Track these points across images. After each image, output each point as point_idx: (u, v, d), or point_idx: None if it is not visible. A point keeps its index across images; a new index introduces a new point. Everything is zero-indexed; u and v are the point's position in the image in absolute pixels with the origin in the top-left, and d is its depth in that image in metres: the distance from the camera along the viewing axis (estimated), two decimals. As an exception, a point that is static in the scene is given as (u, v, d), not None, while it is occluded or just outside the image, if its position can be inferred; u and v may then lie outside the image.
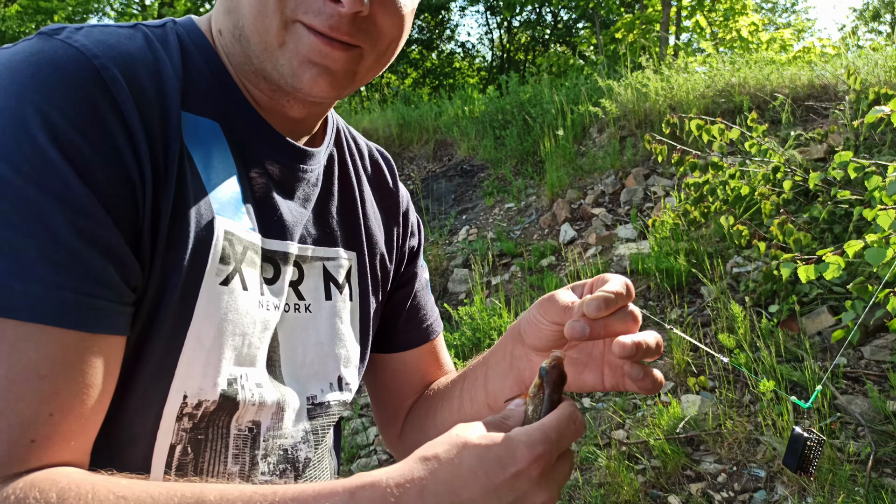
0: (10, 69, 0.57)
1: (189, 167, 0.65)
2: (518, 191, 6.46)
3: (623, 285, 0.68)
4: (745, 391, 3.11)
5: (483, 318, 3.94)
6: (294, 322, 0.79)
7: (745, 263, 4.04)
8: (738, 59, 6.64)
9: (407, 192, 1.03)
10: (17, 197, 0.53)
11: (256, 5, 0.64)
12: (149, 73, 0.64)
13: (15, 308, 0.52)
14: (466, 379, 0.91)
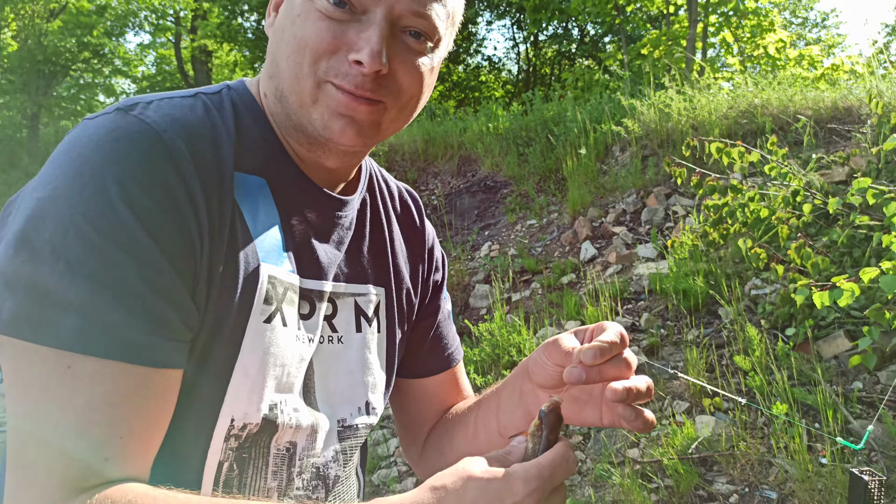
0: (94, 142, 0.68)
1: (239, 221, 0.76)
2: (540, 208, 6.55)
3: (617, 335, 0.76)
4: (759, 413, 3.15)
5: (502, 335, 4.02)
6: (328, 353, 0.88)
7: (763, 286, 4.08)
8: (761, 80, 6.66)
9: (432, 229, 1.12)
10: (97, 253, 0.63)
11: (293, 70, 0.75)
12: (207, 140, 0.74)
13: (93, 347, 0.62)
14: (481, 407, 0.99)
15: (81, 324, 0.62)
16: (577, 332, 0.82)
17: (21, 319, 0.61)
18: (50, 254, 0.62)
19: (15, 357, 0.63)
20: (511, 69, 22.34)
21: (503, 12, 19.16)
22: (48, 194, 0.65)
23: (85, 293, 0.62)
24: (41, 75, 12.89)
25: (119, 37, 16.00)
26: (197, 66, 20.29)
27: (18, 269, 0.62)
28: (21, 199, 0.69)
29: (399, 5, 0.73)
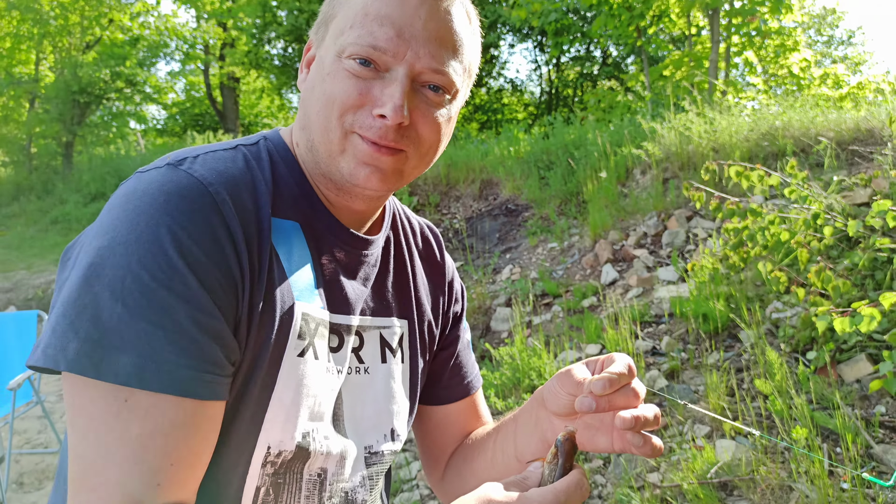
0: (148, 194, 0.75)
1: (276, 263, 0.84)
2: (561, 231, 6.59)
3: (626, 366, 0.81)
4: (780, 438, 3.14)
5: (523, 359, 4.06)
6: (355, 383, 0.96)
7: (784, 309, 4.07)
8: (783, 102, 6.66)
9: (452, 263, 1.20)
10: (151, 297, 0.70)
11: (323, 123, 0.83)
12: (248, 190, 0.82)
13: (148, 382, 0.69)
14: (499, 433, 1.06)
15: (138, 361, 0.69)
16: (588, 362, 0.88)
17: (84, 357, 0.68)
18: (109, 297, 0.69)
19: (78, 391, 0.70)
20: (533, 91, 22.50)
21: (525, 35, 19.37)
22: (107, 243, 0.72)
23: (141, 333, 0.69)
24: (76, 105, 13.32)
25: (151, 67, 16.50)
26: (225, 92, 20.78)
27: (81, 311, 0.69)
28: (81, 247, 0.76)
29: (419, 63, 0.81)
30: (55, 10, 12.46)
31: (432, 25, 0.82)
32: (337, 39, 0.82)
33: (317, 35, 0.89)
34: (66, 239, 10.44)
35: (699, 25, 12.71)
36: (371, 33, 0.79)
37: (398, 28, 0.80)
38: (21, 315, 4.75)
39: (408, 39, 0.80)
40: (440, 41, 0.82)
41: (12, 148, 13.67)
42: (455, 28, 0.84)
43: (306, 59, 0.91)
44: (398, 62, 0.80)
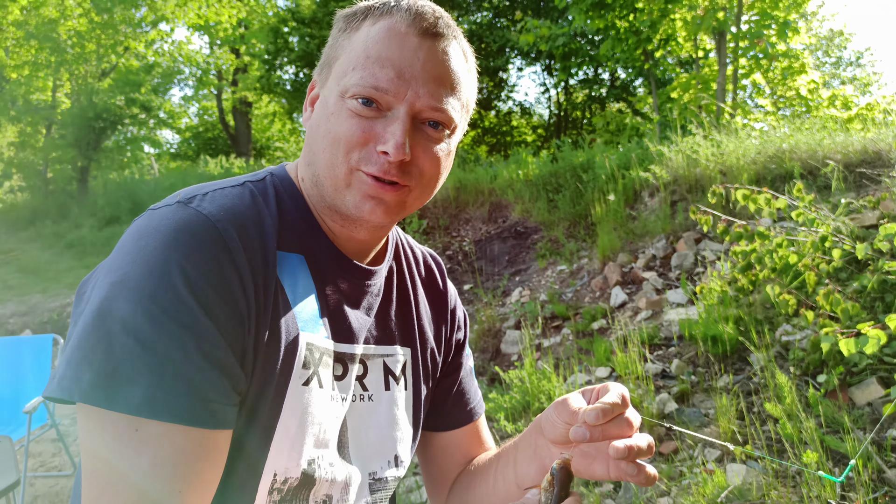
0: (159, 232, 0.79)
1: (281, 296, 0.87)
2: (570, 253, 6.62)
3: (619, 396, 0.83)
4: (790, 462, 3.13)
5: (532, 382, 4.07)
6: (359, 410, 0.99)
7: (793, 332, 4.07)
8: (790, 124, 6.69)
9: (454, 290, 1.22)
10: (161, 330, 0.73)
11: (329, 160, 0.87)
12: (254, 225, 0.86)
13: (157, 412, 0.72)
14: (500, 460, 1.08)
15: (147, 392, 0.72)
16: (584, 391, 0.90)
17: (97, 389, 0.71)
18: (121, 331, 0.72)
19: (91, 421, 0.73)
20: (542, 114, 22.64)
21: (533, 59, 19.56)
22: (120, 278, 0.75)
23: (151, 365, 0.72)
24: (92, 130, 13.55)
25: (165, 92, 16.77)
26: (237, 116, 21.07)
27: (95, 344, 0.72)
28: (95, 282, 0.79)
29: (419, 102, 0.85)
30: (72, 38, 12.74)
31: (430, 66, 0.85)
32: (340, 80, 0.86)
33: (320, 76, 0.93)
34: (81, 263, 10.56)
35: (706, 48, 12.81)
36: (373, 74, 0.83)
37: (398, 69, 0.83)
38: (37, 339, 4.82)
39: (408, 80, 0.84)
40: (438, 80, 0.86)
41: (29, 173, 13.90)
42: (452, 67, 0.88)
43: (310, 97, 0.95)
44: (399, 101, 0.84)
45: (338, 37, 0.90)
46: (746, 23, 10.78)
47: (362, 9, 0.90)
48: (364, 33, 0.86)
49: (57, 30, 12.43)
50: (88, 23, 12.83)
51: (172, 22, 14.73)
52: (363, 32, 0.87)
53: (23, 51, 12.98)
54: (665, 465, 3.38)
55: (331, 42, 0.92)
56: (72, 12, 12.79)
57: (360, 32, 0.87)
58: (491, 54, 17.90)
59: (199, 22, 15.80)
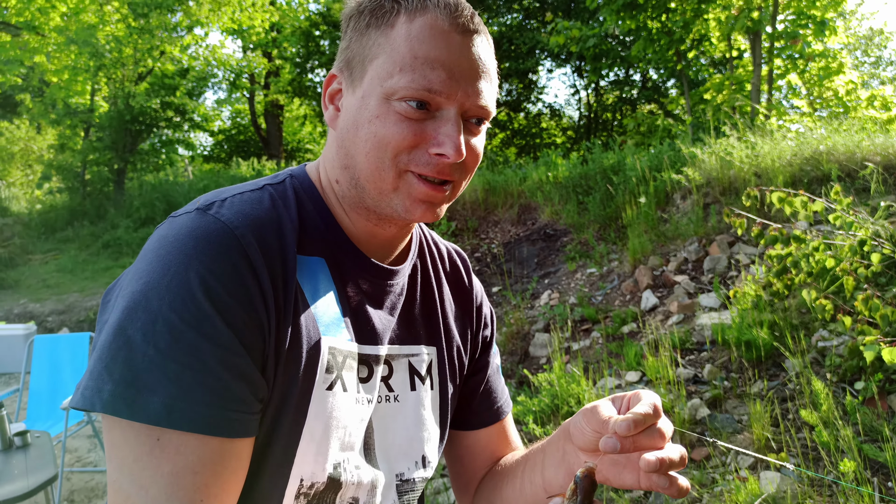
0: (179, 240, 0.79)
1: (301, 300, 0.87)
2: (600, 256, 6.56)
3: (651, 406, 0.80)
4: (826, 471, 3.06)
5: (562, 385, 4.05)
6: (385, 411, 0.98)
7: (830, 338, 3.98)
8: (828, 125, 6.55)
9: (481, 287, 1.20)
10: (181, 339, 0.73)
11: (374, 163, 0.85)
12: (273, 232, 0.85)
13: (178, 422, 0.72)
14: (528, 462, 1.06)
15: (168, 402, 0.72)
16: (614, 399, 0.88)
17: (118, 399, 0.72)
18: (142, 340, 0.73)
19: (114, 430, 0.74)
20: (572, 115, 22.49)
21: (563, 60, 19.44)
22: (141, 288, 0.76)
23: (170, 374, 0.73)
24: (128, 133, 13.85)
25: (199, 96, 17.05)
26: (269, 119, 21.32)
27: (115, 354, 0.73)
28: (119, 290, 0.80)
29: (468, 101, 0.85)
30: (110, 43, 13.03)
31: (476, 64, 0.85)
32: (384, 82, 0.83)
33: (347, 73, 0.89)
34: (117, 263, 10.78)
35: (740, 48, 12.60)
36: (425, 76, 0.82)
37: (449, 70, 0.83)
38: (74, 337, 4.94)
39: (458, 80, 0.83)
40: (484, 75, 0.86)
41: (68, 175, 14.23)
42: (487, 58, 0.88)
43: (329, 93, 0.92)
44: (451, 102, 0.83)
45: (368, 32, 0.87)
46: (782, 22, 10.57)
47: (390, 2, 0.87)
48: (403, 31, 0.84)
49: (96, 35, 12.72)
50: (126, 28, 13.12)
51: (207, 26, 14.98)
52: (401, 30, 0.84)
53: (63, 56, 13.31)
54: (697, 472, 3.33)
55: (356, 37, 0.88)
56: (110, 18, 13.09)
57: (398, 30, 0.84)
58: (520, 56, 17.83)
59: (232, 26, 16.04)
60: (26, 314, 8.57)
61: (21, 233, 12.13)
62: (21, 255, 11.38)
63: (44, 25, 13.21)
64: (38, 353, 4.77)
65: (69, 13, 13.15)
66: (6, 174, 18.52)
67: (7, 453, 3.19)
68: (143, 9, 13.12)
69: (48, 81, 13.75)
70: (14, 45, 13.14)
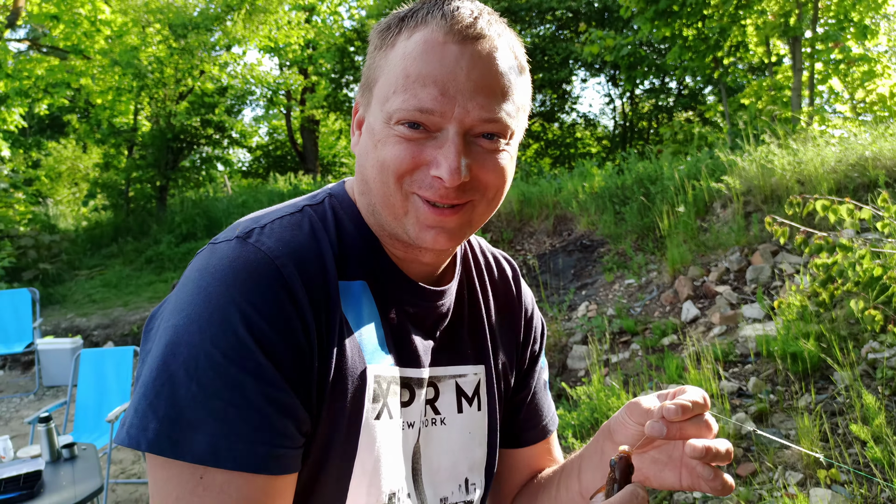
0: (219, 272, 0.77)
1: (346, 328, 0.85)
2: (638, 267, 6.47)
3: (701, 396, 0.80)
4: (880, 488, 2.95)
5: (600, 399, 3.99)
6: (431, 435, 0.96)
7: (881, 349, 3.84)
8: (873, 130, 6.37)
9: (531, 296, 1.15)
10: (223, 374, 0.72)
11: (382, 188, 0.82)
12: (315, 259, 0.83)
13: (221, 460, 0.71)
14: (564, 470, 1.04)
15: (211, 440, 0.71)
16: (659, 394, 0.86)
17: (162, 438, 0.71)
18: (184, 376, 0.72)
19: (158, 468, 0.73)
20: (607, 125, 22.32)
21: (598, 70, 19.33)
22: (182, 322, 0.74)
23: (214, 412, 0.72)
24: (170, 151, 14.21)
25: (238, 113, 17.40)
26: (305, 134, 21.64)
27: (159, 391, 0.72)
28: (160, 321, 0.79)
29: (468, 118, 0.78)
30: (152, 63, 13.40)
31: (476, 75, 0.78)
32: (383, 106, 0.80)
33: (363, 98, 0.87)
34: (160, 277, 11.02)
35: (779, 54, 12.36)
36: (415, 96, 0.77)
37: (441, 86, 0.77)
38: (118, 351, 5.05)
39: (453, 96, 0.77)
40: (487, 90, 0.79)
41: (112, 192, 14.64)
42: (500, 70, 0.80)
43: (356, 121, 0.90)
44: (447, 121, 0.78)
45: (374, 55, 0.85)
46: (822, 25, 10.34)
47: (395, 21, 0.83)
48: (401, 50, 0.80)
49: (138, 56, 13.10)
50: (167, 48, 13.49)
51: (244, 44, 15.31)
52: (399, 49, 0.80)
53: (107, 77, 13.73)
54: (743, 488, 3.24)
55: (368, 62, 0.86)
56: (152, 39, 13.47)
57: (397, 49, 0.81)
58: (554, 66, 17.78)
59: (269, 44, 16.36)
60: (73, 328, 8.81)
61: (68, 249, 12.50)
62: (68, 271, 11.72)
63: (89, 49, 13.66)
64: (84, 366, 4.89)
65: (113, 36, 13.58)
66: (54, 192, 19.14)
67: (55, 465, 3.27)
68: (182, 30, 13.47)
69: (93, 102, 14.19)
70: (61, 68, 13.61)
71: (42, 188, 18.72)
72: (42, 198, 17.76)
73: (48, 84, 13.50)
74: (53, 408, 4.47)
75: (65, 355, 6.90)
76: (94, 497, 3.02)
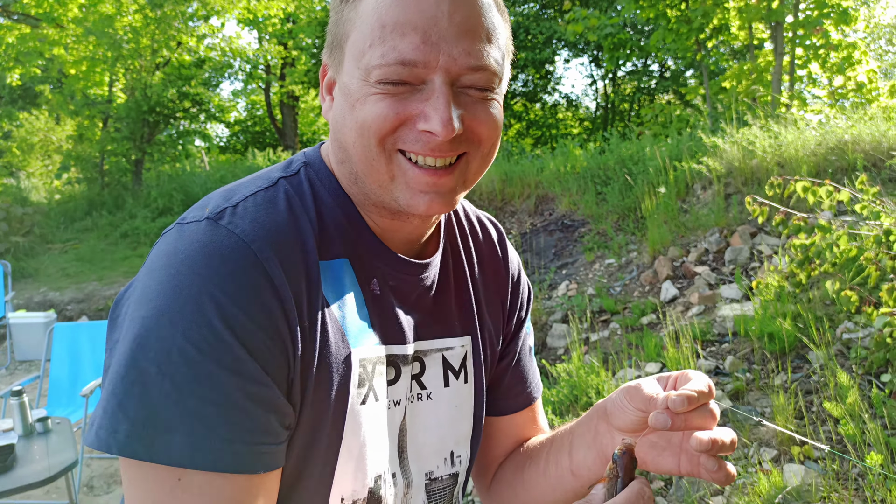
0: (189, 258, 0.70)
1: (328, 312, 0.79)
2: (619, 247, 6.50)
3: (706, 385, 0.77)
4: (852, 464, 3.01)
5: (580, 376, 4.01)
6: (418, 410, 0.93)
7: (856, 329, 3.91)
8: (852, 115, 6.43)
9: (517, 258, 1.10)
10: (199, 371, 0.66)
11: (363, 153, 0.76)
12: (293, 238, 0.77)
13: (199, 461, 0.66)
14: (553, 443, 1.00)
15: (189, 440, 0.66)
16: (659, 378, 0.83)
17: (135, 440, 0.65)
18: (156, 373, 0.66)
19: (132, 471, 0.68)
20: (589, 106, 22.33)
21: (580, 50, 19.28)
22: (151, 313, 0.68)
23: (191, 411, 0.66)
24: (146, 124, 13.91)
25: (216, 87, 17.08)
26: (285, 110, 21.35)
27: (129, 389, 0.66)
28: (128, 307, 0.72)
29: (455, 66, 0.73)
30: (128, 34, 13.07)
31: (458, 18, 0.72)
32: (359, 62, 0.74)
33: (332, 58, 0.81)
34: (136, 252, 10.86)
35: (761, 38, 12.41)
36: (394, 48, 0.71)
37: (423, 33, 0.71)
38: (93, 325, 4.98)
39: (436, 42, 0.71)
40: (472, 33, 0.73)
41: (86, 165, 14.32)
42: (483, 12, 0.74)
43: (326, 84, 0.83)
44: (433, 71, 0.72)
45: (342, 9, 0.77)
46: (803, 11, 10.39)
47: None
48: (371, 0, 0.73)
49: (113, 26, 12.76)
50: (143, 18, 13.15)
51: (222, 16, 14.99)
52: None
53: (81, 47, 13.37)
54: (718, 464, 3.28)
55: (334, 17, 0.79)
56: (127, 8, 13.12)
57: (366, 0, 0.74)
58: (537, 46, 17.69)
59: (248, 16, 16.04)
60: (46, 303, 8.66)
61: (40, 222, 12.25)
62: (41, 245, 11.50)
63: (62, 17, 13.28)
64: (57, 340, 4.81)
65: (87, 4, 13.21)
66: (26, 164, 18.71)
67: (28, 439, 3.21)
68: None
69: (67, 73, 13.83)
70: (33, 36, 13.22)
71: (13, 160, 18.26)
72: (13, 170, 17.35)
73: (19, 53, 13.12)
74: (26, 382, 4.40)
75: (38, 329, 6.79)
76: (69, 471, 2.98)
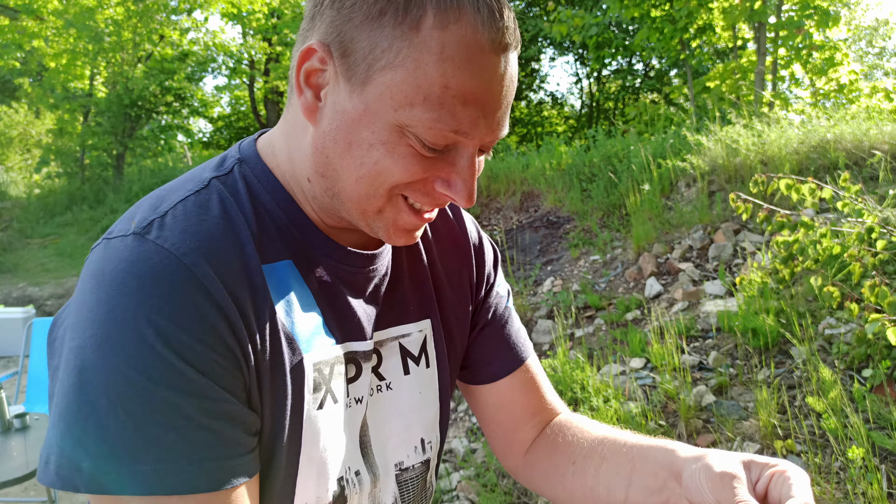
0: (118, 280, 0.65)
1: (276, 320, 0.75)
2: (604, 243, 6.52)
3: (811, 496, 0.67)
4: (834, 457, 3.04)
5: (566, 372, 4.02)
6: (378, 402, 0.90)
7: (838, 325, 3.95)
8: (834, 115, 6.51)
9: (474, 223, 1.06)
10: (151, 398, 0.63)
11: (366, 190, 0.72)
12: (230, 245, 0.72)
13: (171, 486, 0.63)
14: (605, 462, 0.92)
15: (157, 468, 0.63)
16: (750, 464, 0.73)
17: (100, 476, 0.63)
18: (107, 406, 0.62)
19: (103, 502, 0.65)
20: (574, 104, 22.41)
21: (566, 49, 19.33)
22: (90, 343, 0.64)
23: (153, 439, 0.63)
24: (127, 118, 13.76)
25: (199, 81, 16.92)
26: (269, 105, 21.20)
27: (84, 423, 0.63)
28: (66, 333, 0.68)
29: (489, 139, 0.72)
30: (109, 27, 12.91)
31: (507, 93, 0.71)
32: (399, 109, 0.67)
33: (341, 58, 0.70)
34: (116, 247, 10.74)
35: (744, 38, 12.51)
36: (454, 115, 0.67)
37: (482, 106, 0.68)
38: (74, 320, 4.90)
39: (488, 118, 0.69)
40: (509, 105, 0.72)
41: (67, 159, 14.15)
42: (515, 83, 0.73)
43: (306, 70, 0.72)
44: (473, 141, 0.71)
45: (380, 22, 0.67)
46: (786, 12, 10.50)
47: None
48: (434, 44, 0.65)
49: (94, 18, 12.60)
50: (125, 11, 12.99)
51: (206, 10, 14.85)
52: (431, 41, 0.65)
53: (61, 40, 13.18)
54: (702, 458, 3.30)
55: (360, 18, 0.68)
56: (109, 1, 12.96)
57: (427, 39, 0.65)
58: (522, 44, 17.72)
59: (231, 10, 15.90)
60: (25, 298, 8.54)
61: (20, 217, 12.08)
62: (20, 239, 11.34)
63: (42, 8, 13.08)
64: (36, 336, 4.73)
65: (68, -4, 13.04)
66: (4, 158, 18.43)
67: (6, 435, 3.16)
68: (142, -8, 13.01)
69: (47, 66, 13.63)
70: (12, 28, 13.02)
71: (-9, 154, 18.01)
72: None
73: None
74: (5, 378, 4.32)
75: (16, 325, 6.69)
76: (48, 466, 2.93)
